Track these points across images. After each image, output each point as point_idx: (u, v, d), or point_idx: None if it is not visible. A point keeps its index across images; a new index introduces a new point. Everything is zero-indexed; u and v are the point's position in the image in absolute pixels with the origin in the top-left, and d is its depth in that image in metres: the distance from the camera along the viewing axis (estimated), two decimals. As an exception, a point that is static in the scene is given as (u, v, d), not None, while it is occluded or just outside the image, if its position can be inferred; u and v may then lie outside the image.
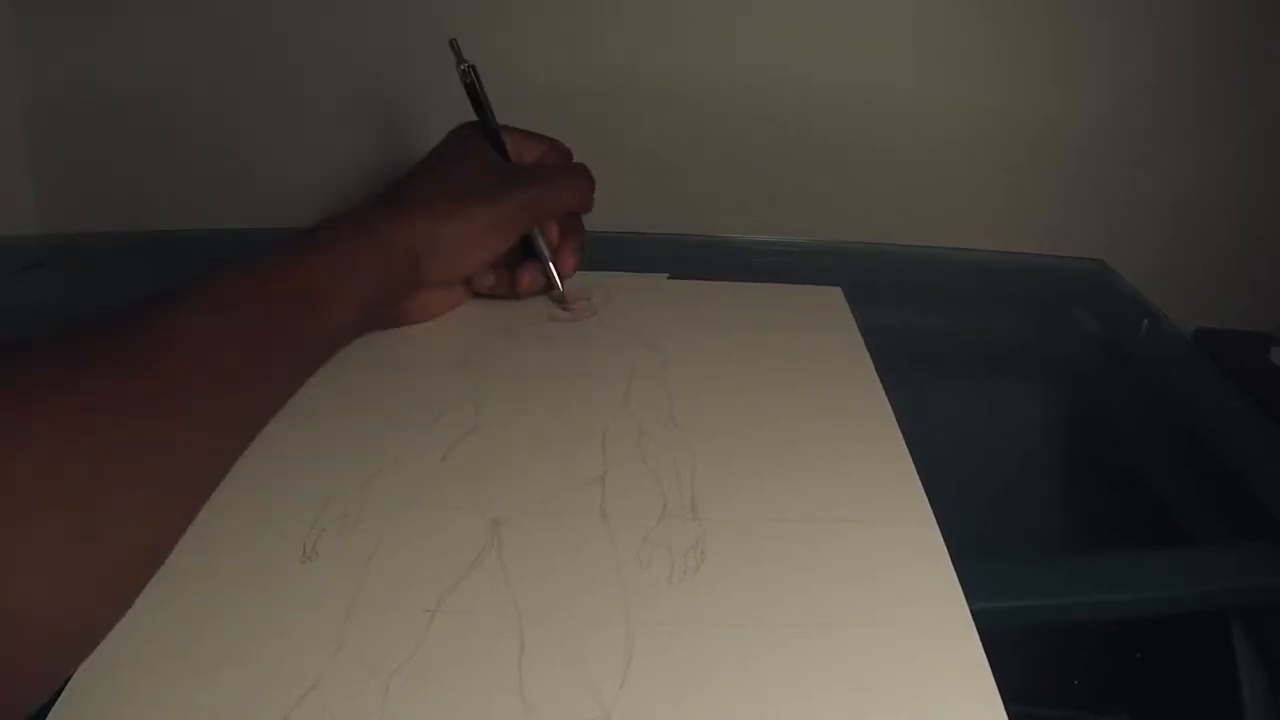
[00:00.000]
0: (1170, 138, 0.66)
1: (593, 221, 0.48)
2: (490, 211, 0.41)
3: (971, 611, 0.26)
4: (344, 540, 0.29)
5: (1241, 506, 0.41)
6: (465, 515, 0.30)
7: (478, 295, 0.46)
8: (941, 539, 0.30)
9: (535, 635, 0.26)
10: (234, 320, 0.32)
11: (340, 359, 0.39)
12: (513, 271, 0.44)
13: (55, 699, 0.24)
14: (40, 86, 0.67)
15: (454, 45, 0.44)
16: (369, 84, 0.66)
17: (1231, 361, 0.53)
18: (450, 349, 0.42)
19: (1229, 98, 0.65)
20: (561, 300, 0.45)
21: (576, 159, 0.47)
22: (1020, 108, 0.65)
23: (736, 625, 0.26)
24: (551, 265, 0.45)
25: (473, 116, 0.46)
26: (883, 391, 0.38)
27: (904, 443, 0.35)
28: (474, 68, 0.44)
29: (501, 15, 0.64)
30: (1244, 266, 0.69)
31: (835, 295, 0.48)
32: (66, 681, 0.24)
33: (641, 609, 0.27)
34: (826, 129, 0.66)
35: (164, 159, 0.69)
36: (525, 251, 0.45)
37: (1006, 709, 0.23)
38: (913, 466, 0.33)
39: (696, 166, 0.68)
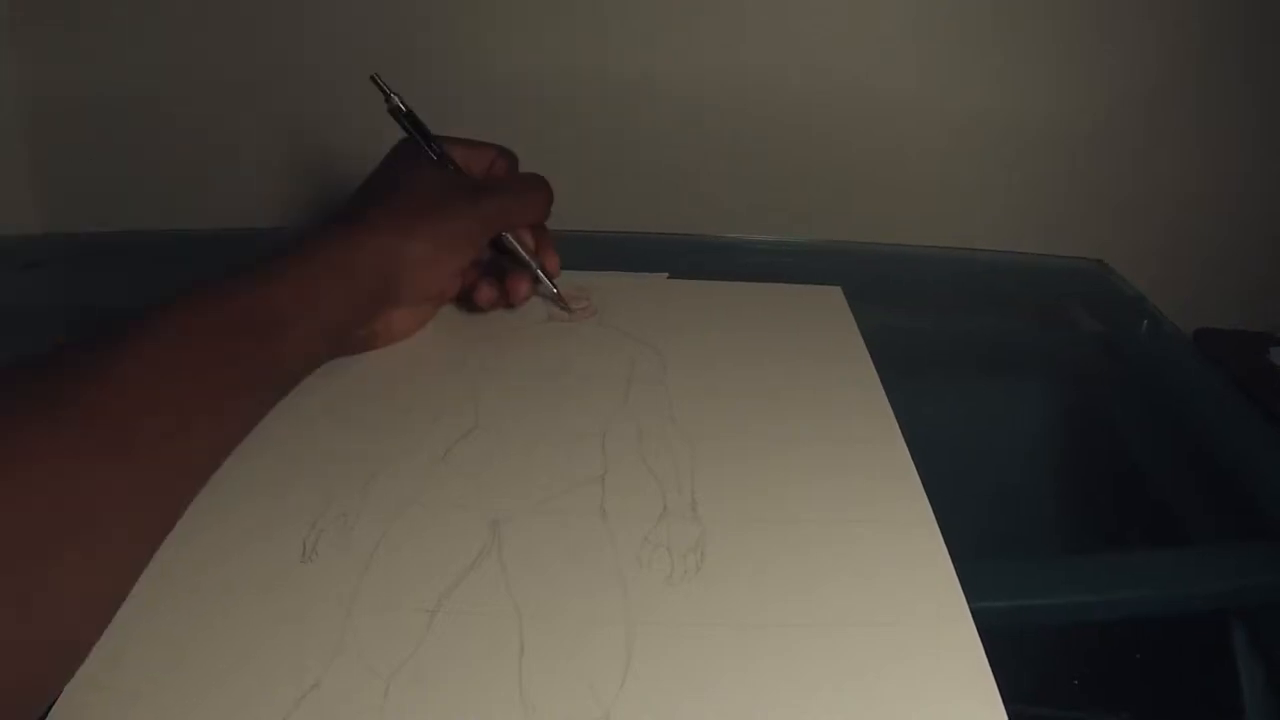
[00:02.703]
0: (1170, 138, 0.66)
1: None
2: (454, 224, 0.40)
3: (971, 611, 0.26)
4: (344, 540, 0.29)
5: (1241, 506, 0.41)
6: (465, 515, 0.30)
7: (481, 311, 0.45)
8: (941, 539, 0.30)
9: (535, 635, 0.26)
10: (188, 357, 0.30)
11: (340, 360, 0.39)
12: (505, 284, 0.44)
13: (54, 700, 0.24)
14: (41, 87, 0.67)
15: (377, 80, 0.42)
16: (368, 84, 0.66)
17: (1231, 361, 0.53)
18: (450, 349, 0.42)
19: (1229, 98, 0.65)
20: (556, 299, 0.45)
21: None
22: (1020, 108, 0.65)
23: (736, 625, 0.26)
24: (536, 269, 0.44)
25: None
26: (883, 391, 0.38)
27: (904, 443, 0.35)
28: (399, 96, 0.42)
29: (502, 14, 0.64)
30: (1244, 266, 0.69)
31: (835, 295, 0.48)
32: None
33: (641, 609, 0.27)
34: (827, 129, 0.66)
35: (164, 159, 0.69)
36: (511, 263, 0.44)
37: (1006, 709, 0.23)
38: (913, 466, 0.33)
39: (696, 166, 0.68)
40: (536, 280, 0.44)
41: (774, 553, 0.29)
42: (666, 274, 0.49)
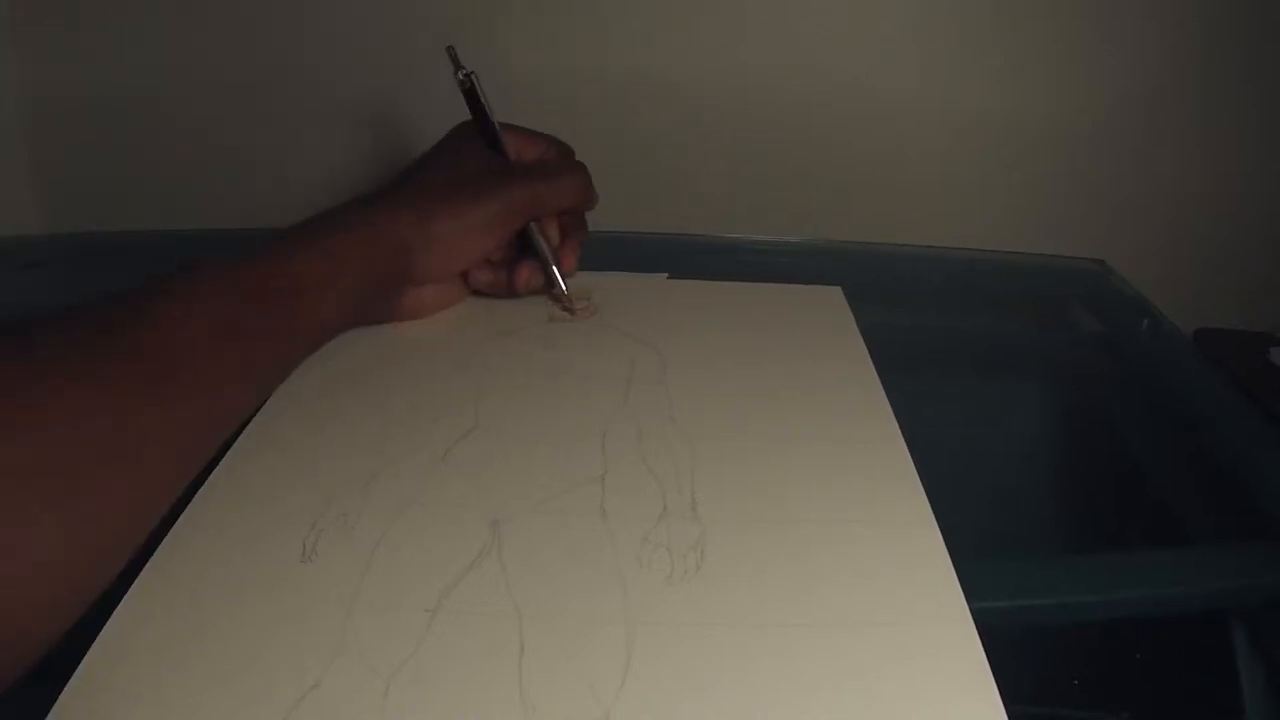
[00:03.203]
0: (1170, 138, 0.66)
1: (593, 221, 0.48)
2: (482, 208, 0.41)
3: (971, 611, 0.26)
4: (344, 540, 0.29)
5: (1241, 506, 0.41)
6: (465, 515, 0.30)
7: (475, 293, 0.45)
8: (941, 539, 0.30)
9: (535, 635, 0.26)
10: (221, 314, 0.32)
11: (340, 360, 0.39)
12: (511, 269, 0.44)
13: (55, 699, 0.24)
14: (41, 87, 0.67)
15: (451, 52, 0.44)
16: (369, 83, 0.66)
17: (1231, 361, 0.53)
18: (450, 349, 0.42)
19: (1229, 98, 0.65)
20: (562, 298, 0.45)
21: (577, 157, 0.47)
22: (1020, 108, 0.65)
23: (736, 625, 0.26)
24: (552, 264, 0.44)
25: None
26: (883, 391, 0.38)
27: (904, 443, 0.35)
28: (473, 74, 0.44)
29: (502, 14, 0.64)
30: (1244, 266, 0.69)
31: (835, 295, 0.48)
32: (60, 682, 0.24)
33: (641, 609, 0.27)
34: (827, 129, 0.66)
35: (164, 159, 0.69)
36: (523, 249, 0.45)
37: (1006, 709, 0.23)
38: (913, 466, 0.33)
39: (696, 166, 0.68)
40: (549, 278, 0.44)
41: (774, 553, 0.29)
42: (666, 274, 0.49)
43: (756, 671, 0.25)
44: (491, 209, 0.41)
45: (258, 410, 0.35)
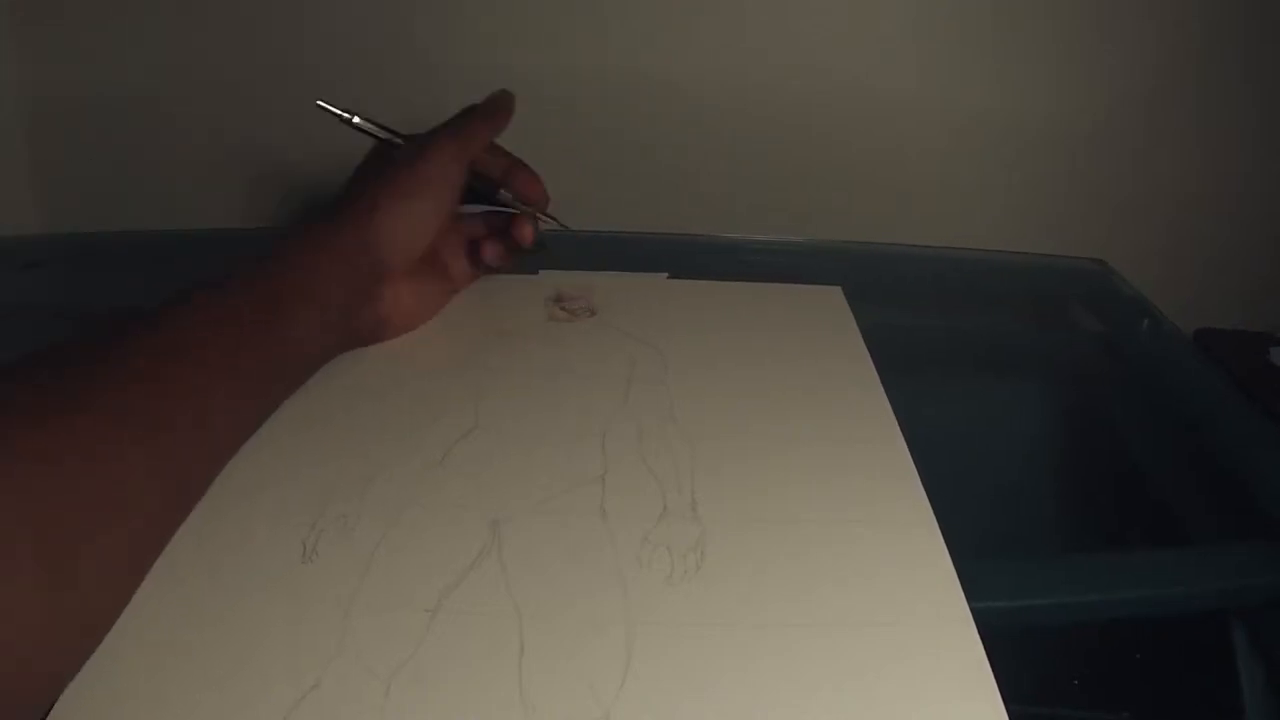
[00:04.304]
0: (1170, 138, 0.66)
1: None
2: (417, 170, 0.41)
3: (971, 611, 0.26)
4: (344, 540, 0.29)
5: (1241, 506, 0.41)
6: (465, 515, 0.30)
7: (490, 272, 0.45)
8: (942, 539, 0.30)
9: (535, 635, 0.26)
10: (209, 350, 0.31)
11: (340, 360, 0.39)
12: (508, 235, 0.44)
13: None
14: (41, 87, 0.67)
15: (323, 107, 0.43)
16: (369, 83, 0.66)
17: (1231, 361, 0.53)
18: (450, 349, 0.42)
19: (1228, 98, 0.65)
20: (538, 224, 0.45)
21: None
22: (1020, 108, 0.65)
23: (736, 625, 0.26)
24: (516, 200, 0.45)
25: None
26: (883, 391, 0.38)
27: (904, 443, 0.35)
28: (358, 113, 0.44)
29: (502, 14, 0.64)
30: (1244, 266, 0.69)
31: (835, 295, 0.48)
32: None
33: (641, 609, 0.27)
34: (826, 129, 0.66)
35: (164, 159, 0.69)
36: (491, 218, 0.45)
37: (1006, 709, 0.23)
38: (913, 466, 0.33)
39: (696, 166, 0.68)
40: (525, 215, 0.45)
41: (774, 553, 0.29)
42: (666, 274, 0.49)
43: (756, 671, 0.25)
44: (425, 168, 0.41)
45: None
